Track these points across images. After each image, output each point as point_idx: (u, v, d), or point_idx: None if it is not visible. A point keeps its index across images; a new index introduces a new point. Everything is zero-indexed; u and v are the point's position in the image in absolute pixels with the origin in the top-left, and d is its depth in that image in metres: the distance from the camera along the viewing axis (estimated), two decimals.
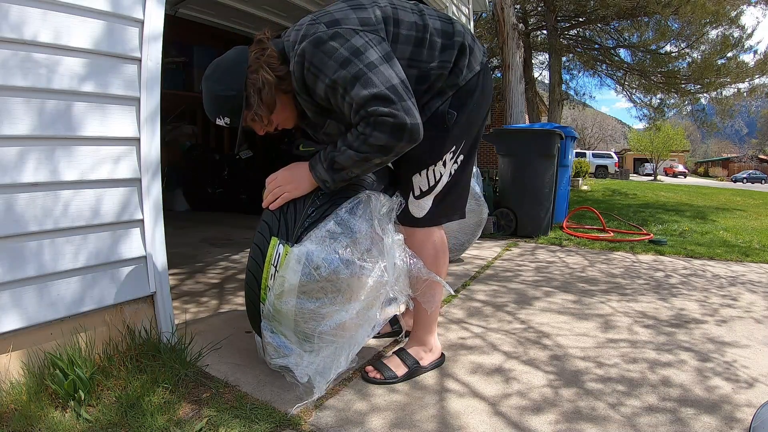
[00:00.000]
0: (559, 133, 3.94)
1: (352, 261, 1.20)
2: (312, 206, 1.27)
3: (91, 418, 1.15)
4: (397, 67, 1.15)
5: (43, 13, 1.26)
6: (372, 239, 1.25)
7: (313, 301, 1.21)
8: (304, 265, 1.18)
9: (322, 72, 1.12)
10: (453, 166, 1.36)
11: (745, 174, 36.25)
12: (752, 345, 1.71)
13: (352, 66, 1.09)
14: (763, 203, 9.96)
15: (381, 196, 1.32)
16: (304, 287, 1.20)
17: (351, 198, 1.28)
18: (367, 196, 1.29)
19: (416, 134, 1.13)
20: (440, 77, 1.27)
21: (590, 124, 42.12)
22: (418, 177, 1.33)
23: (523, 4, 11.02)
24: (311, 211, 1.26)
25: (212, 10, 4.30)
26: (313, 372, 1.23)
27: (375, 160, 1.16)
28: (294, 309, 1.22)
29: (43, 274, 1.29)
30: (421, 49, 1.24)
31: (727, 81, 9.51)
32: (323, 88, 1.14)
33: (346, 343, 1.27)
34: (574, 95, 13.48)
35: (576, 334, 1.80)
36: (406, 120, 1.09)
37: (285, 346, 1.28)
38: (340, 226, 1.22)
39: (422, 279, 1.43)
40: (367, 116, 1.10)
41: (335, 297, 1.22)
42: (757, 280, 2.72)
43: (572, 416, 1.22)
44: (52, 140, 1.30)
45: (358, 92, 1.09)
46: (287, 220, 1.27)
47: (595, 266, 3.02)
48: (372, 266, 1.23)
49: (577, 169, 12.47)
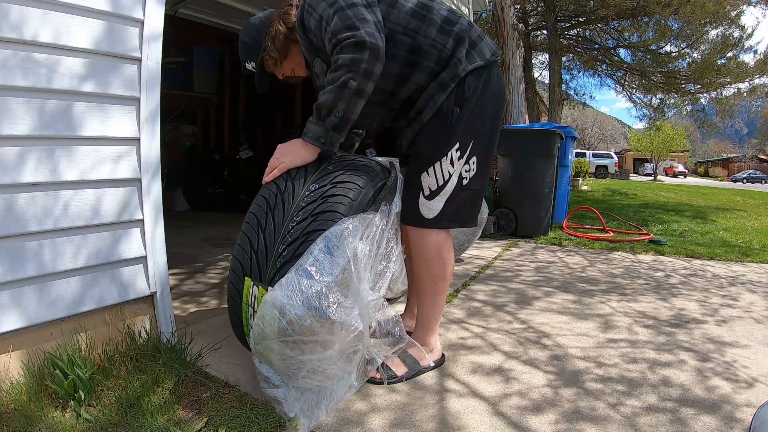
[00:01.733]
0: (559, 133, 3.94)
1: (324, 312, 1.10)
2: (283, 243, 1.19)
3: (91, 418, 1.15)
4: (376, 12, 1.26)
5: (43, 13, 1.26)
6: (348, 285, 1.15)
7: (292, 349, 1.15)
8: (278, 319, 1.11)
9: (315, 10, 1.26)
10: (464, 167, 1.35)
11: (745, 174, 36.25)
12: (752, 345, 1.71)
13: (336, 4, 1.22)
14: (763, 203, 9.96)
15: (362, 221, 1.21)
16: (281, 337, 1.13)
17: (326, 232, 1.16)
18: (343, 228, 1.17)
19: (377, 50, 1.18)
20: (430, 56, 1.30)
21: (590, 124, 42.14)
22: (426, 176, 1.34)
23: (523, 4, 11.02)
24: (282, 249, 1.19)
25: (212, 10, 4.29)
26: (299, 410, 1.18)
27: (351, 84, 1.18)
28: (276, 353, 1.16)
29: (43, 273, 1.29)
30: (418, 23, 1.30)
31: (727, 81, 9.51)
32: (314, 24, 1.27)
33: (327, 392, 1.22)
34: (574, 95, 13.49)
35: (576, 334, 1.80)
36: (365, 38, 1.17)
37: (274, 377, 1.23)
38: (315, 267, 1.11)
39: (424, 280, 1.43)
40: (337, 43, 1.20)
41: (313, 347, 1.14)
42: (757, 280, 2.72)
43: (572, 416, 1.22)
44: (52, 140, 1.30)
45: (335, 25, 1.20)
46: (259, 258, 1.21)
47: (595, 266, 3.02)
48: (347, 318, 1.14)
49: (577, 169, 12.47)
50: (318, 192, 1.25)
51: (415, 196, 1.36)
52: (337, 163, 1.34)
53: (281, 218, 1.24)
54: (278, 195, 1.28)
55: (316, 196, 1.24)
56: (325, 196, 1.24)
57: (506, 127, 4.96)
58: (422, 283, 1.45)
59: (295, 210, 1.24)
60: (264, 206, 1.28)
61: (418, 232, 1.39)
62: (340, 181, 1.27)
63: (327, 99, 1.20)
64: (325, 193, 1.24)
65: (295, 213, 1.23)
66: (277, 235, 1.22)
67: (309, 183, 1.28)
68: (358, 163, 1.35)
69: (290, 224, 1.22)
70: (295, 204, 1.25)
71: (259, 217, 1.27)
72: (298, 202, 1.25)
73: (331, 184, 1.26)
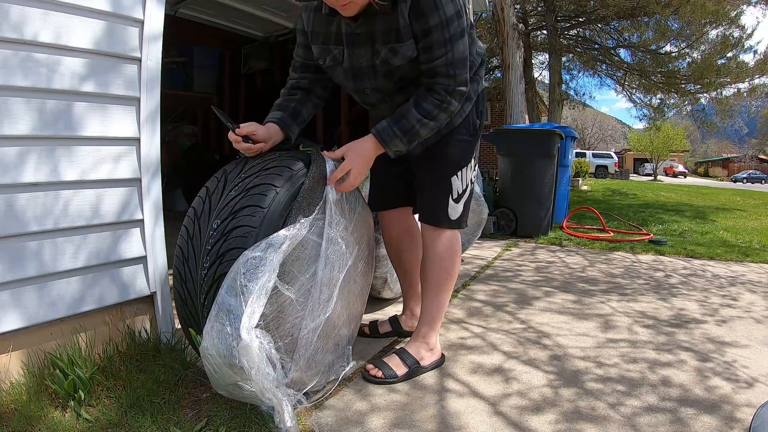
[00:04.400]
0: (559, 133, 3.94)
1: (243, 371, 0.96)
2: (202, 269, 1.08)
3: (91, 418, 1.15)
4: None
5: (43, 13, 1.26)
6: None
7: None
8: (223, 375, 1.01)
9: (442, 7, 1.14)
10: (473, 172, 1.47)
11: (745, 174, 36.24)
12: (752, 345, 1.71)
13: (460, 21, 1.18)
14: (763, 203, 9.96)
15: (290, 230, 1.07)
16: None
17: (251, 255, 1.00)
18: (268, 244, 1.02)
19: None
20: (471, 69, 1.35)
21: (590, 124, 42.14)
22: (455, 179, 1.41)
23: (523, 4, 11.01)
24: (205, 291, 1.09)
25: (212, 10, 4.29)
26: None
27: (443, 121, 1.27)
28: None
29: (44, 273, 1.29)
30: (471, 42, 1.35)
31: (727, 81, 9.50)
32: (436, 21, 1.15)
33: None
34: (574, 95, 13.47)
35: (576, 334, 1.80)
36: (469, 92, 1.27)
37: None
38: (235, 299, 0.97)
39: (435, 278, 1.46)
40: (452, 83, 1.20)
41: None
42: (757, 280, 2.72)
43: (572, 416, 1.22)
44: (53, 140, 1.30)
45: (459, 63, 1.20)
46: (189, 308, 1.14)
47: (595, 266, 3.02)
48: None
49: (577, 169, 12.47)
50: (229, 207, 1.13)
51: (444, 198, 1.41)
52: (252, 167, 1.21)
53: (199, 246, 1.14)
54: (196, 220, 1.18)
55: (226, 214, 1.13)
56: (234, 211, 1.12)
57: (506, 127, 4.96)
58: (432, 281, 1.46)
59: (206, 241, 1.13)
60: (185, 235, 1.19)
61: (438, 232, 1.44)
62: (253, 185, 1.15)
63: (423, 132, 1.25)
64: (235, 208, 1.12)
65: (206, 241, 1.12)
66: (199, 264, 1.12)
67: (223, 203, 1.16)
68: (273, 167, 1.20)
69: (204, 266, 1.10)
70: (207, 233, 1.14)
71: (182, 247, 1.19)
72: (207, 238, 1.13)
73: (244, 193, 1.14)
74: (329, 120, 5.59)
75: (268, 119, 1.33)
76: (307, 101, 1.41)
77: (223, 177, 1.23)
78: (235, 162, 1.27)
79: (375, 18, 1.18)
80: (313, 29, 1.30)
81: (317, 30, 1.29)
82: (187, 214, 1.20)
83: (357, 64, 1.27)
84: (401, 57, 1.21)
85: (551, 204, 4.05)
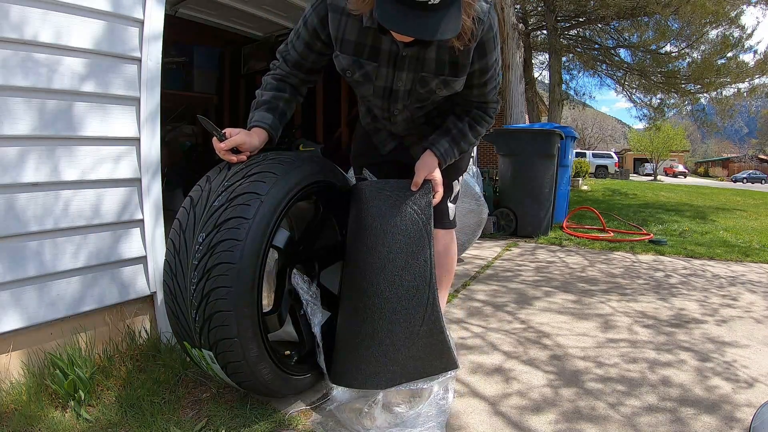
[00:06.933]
0: (559, 133, 3.94)
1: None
2: (191, 284, 1.08)
3: (91, 418, 1.15)
4: None
5: (43, 13, 1.26)
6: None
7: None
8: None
9: (497, 45, 1.20)
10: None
11: (745, 174, 36.21)
12: (752, 345, 1.71)
13: (499, 65, 1.26)
14: (763, 203, 9.96)
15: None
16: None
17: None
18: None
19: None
20: None
21: (590, 124, 42.12)
22: (456, 183, 1.48)
23: (523, 4, 11.01)
24: (194, 308, 1.07)
25: (212, 10, 4.30)
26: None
27: (481, 135, 1.35)
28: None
29: (44, 273, 1.29)
30: None
31: (727, 81, 9.50)
32: (493, 59, 1.19)
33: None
34: (574, 95, 13.47)
35: (576, 334, 1.80)
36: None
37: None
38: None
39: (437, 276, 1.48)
40: (491, 103, 1.29)
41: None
42: (757, 280, 2.72)
43: (572, 416, 1.22)
44: (53, 140, 1.30)
45: (493, 91, 1.28)
46: (181, 323, 1.12)
47: (595, 266, 3.02)
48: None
49: (577, 169, 12.47)
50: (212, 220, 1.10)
51: (445, 202, 1.44)
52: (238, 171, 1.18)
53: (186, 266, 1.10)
54: (181, 234, 1.13)
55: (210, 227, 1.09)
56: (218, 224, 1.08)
57: (506, 127, 4.96)
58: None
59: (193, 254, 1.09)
60: (172, 249, 1.14)
61: (438, 232, 1.47)
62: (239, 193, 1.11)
63: (465, 148, 1.32)
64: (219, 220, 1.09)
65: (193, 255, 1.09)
66: (187, 278, 1.09)
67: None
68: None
69: (192, 281, 1.08)
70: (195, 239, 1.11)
71: (170, 262, 1.14)
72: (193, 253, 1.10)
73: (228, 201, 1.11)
74: (329, 120, 5.60)
75: (257, 122, 1.25)
76: (293, 101, 1.33)
77: (207, 185, 1.19)
78: (218, 168, 1.23)
79: (430, 45, 1.10)
80: (344, 37, 1.13)
81: (349, 38, 1.13)
82: (172, 227, 1.15)
83: (394, 86, 1.18)
84: (450, 89, 1.19)
85: (551, 204, 4.05)
